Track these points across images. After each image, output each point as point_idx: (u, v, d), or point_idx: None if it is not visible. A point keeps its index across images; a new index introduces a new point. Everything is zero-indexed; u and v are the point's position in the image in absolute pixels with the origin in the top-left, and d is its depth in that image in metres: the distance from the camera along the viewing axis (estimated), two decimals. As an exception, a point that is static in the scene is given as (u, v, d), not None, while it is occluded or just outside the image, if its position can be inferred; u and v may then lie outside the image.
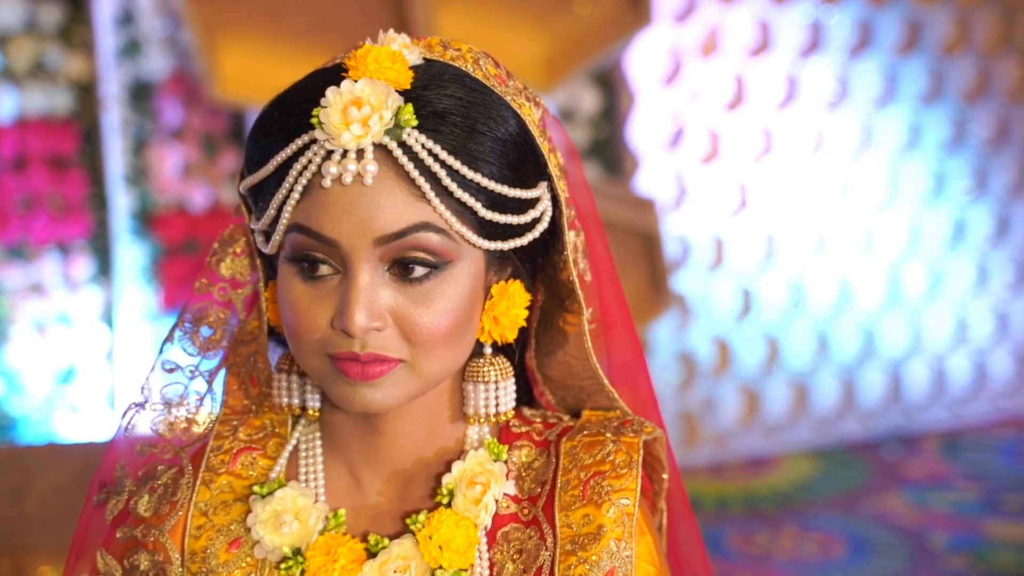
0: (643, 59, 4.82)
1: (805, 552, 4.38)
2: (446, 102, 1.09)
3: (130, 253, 4.39)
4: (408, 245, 1.08)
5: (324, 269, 1.11)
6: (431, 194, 1.07)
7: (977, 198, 5.64)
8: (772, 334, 5.34)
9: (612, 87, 4.61)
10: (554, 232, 1.19)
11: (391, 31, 1.15)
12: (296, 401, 1.23)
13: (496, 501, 1.19)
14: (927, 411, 5.66)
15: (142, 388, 1.26)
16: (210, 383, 1.26)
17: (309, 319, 1.11)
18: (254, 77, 3.87)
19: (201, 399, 1.26)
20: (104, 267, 4.37)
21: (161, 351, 1.26)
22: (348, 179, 1.06)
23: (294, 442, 1.24)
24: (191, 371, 1.26)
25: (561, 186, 1.18)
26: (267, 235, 1.16)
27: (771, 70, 5.15)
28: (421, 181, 1.07)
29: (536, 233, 1.16)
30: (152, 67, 4.32)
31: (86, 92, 4.31)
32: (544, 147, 1.17)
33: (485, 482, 1.18)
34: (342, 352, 1.10)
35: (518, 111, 1.14)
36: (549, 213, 1.18)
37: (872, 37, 5.32)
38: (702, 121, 5.05)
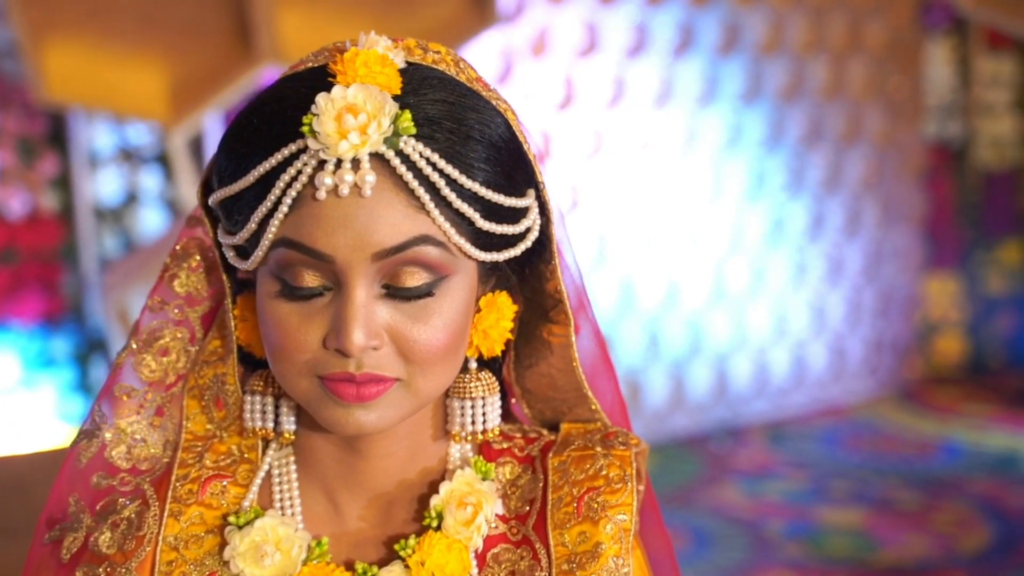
0: (475, 60, 4.79)
1: (651, 547, 4.43)
2: (438, 108, 1.03)
3: (-58, 265, 4.13)
4: (407, 259, 1.02)
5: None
6: (430, 205, 1.01)
7: (793, 195, 5.82)
8: (605, 332, 5.38)
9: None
10: (541, 241, 1.15)
11: (372, 33, 1.07)
12: (270, 424, 1.15)
13: (487, 522, 1.14)
14: (751, 403, 5.82)
15: (93, 415, 1.16)
16: (170, 408, 1.17)
17: (298, 339, 1.03)
18: (83, 77, 3.68)
19: (161, 425, 1.17)
20: (-86, 280, 4.10)
21: (113, 375, 1.16)
22: (345, 191, 0.99)
23: (266, 468, 1.17)
24: (147, 395, 1.16)
25: (546, 194, 1.14)
26: (239, 249, 1.08)
27: (599, 71, 5.20)
28: (421, 192, 1.01)
29: (528, 243, 1.11)
30: (-39, 66, 4.07)
31: None
32: (530, 153, 1.12)
33: (475, 502, 1.13)
34: (335, 373, 1.03)
35: (504, 115, 1.10)
36: (539, 221, 1.13)
37: (693, 38, 5.43)
38: (534, 121, 5.06)
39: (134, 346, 1.17)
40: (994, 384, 6.41)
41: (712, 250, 5.61)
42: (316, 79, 1.04)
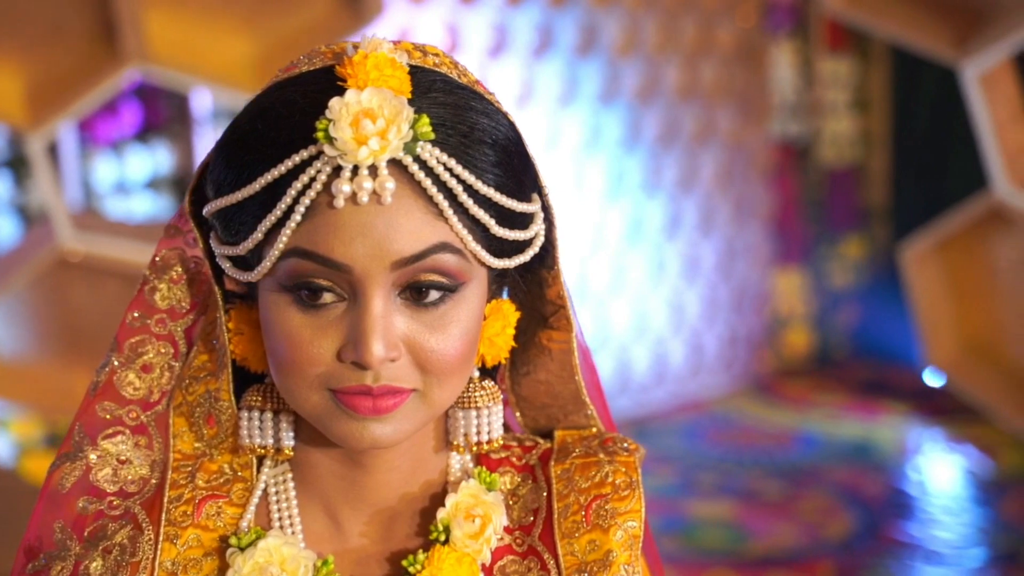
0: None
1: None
2: (447, 111, 1.00)
3: None
4: (426, 267, 0.99)
5: (327, 297, 0.99)
6: (449, 211, 0.98)
7: (651, 194, 5.91)
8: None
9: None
10: (544, 246, 1.12)
11: (374, 34, 1.03)
12: (269, 441, 1.10)
13: (496, 534, 1.11)
14: (615, 400, 5.85)
15: (72, 437, 1.10)
16: (155, 426, 1.11)
17: (311, 351, 0.99)
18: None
19: (146, 444, 1.10)
20: None
21: (94, 394, 1.10)
22: (365, 198, 0.95)
23: (262, 486, 1.11)
24: (131, 414, 1.10)
25: (549, 198, 1.12)
26: (236, 260, 1.03)
27: (460, 72, 5.18)
28: (440, 198, 0.97)
29: (536, 248, 1.09)
30: None
31: None
32: (533, 156, 1.10)
33: (483, 514, 1.10)
34: (351, 386, 0.99)
35: (507, 118, 1.07)
36: (543, 226, 1.11)
37: (552, 39, 5.47)
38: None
39: (116, 363, 1.11)
40: (840, 375, 6.63)
41: (574, 249, 5.65)
42: (323, 82, 0.99)
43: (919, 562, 4.35)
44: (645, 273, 5.94)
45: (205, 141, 4.97)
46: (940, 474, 5.25)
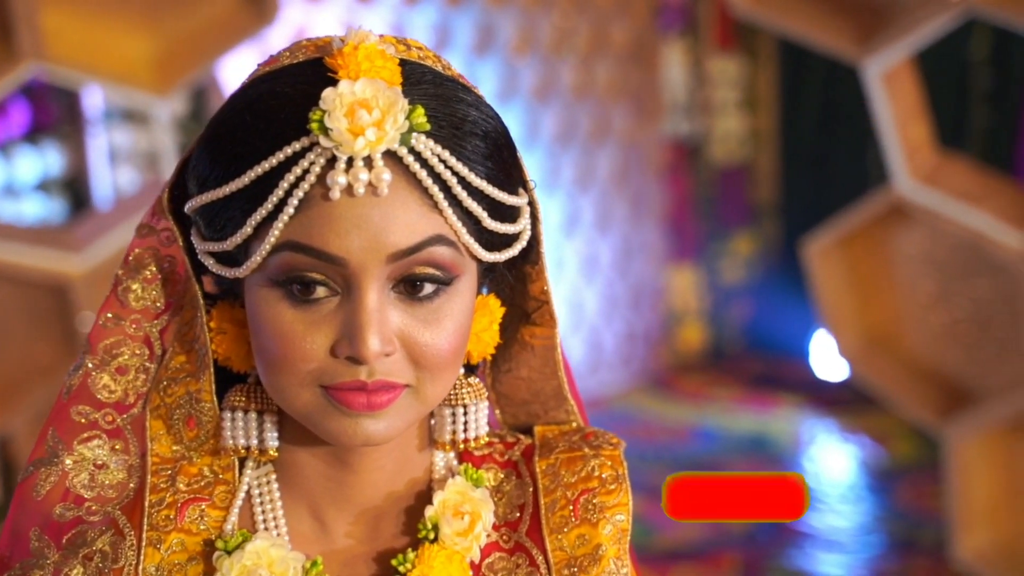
0: (234, 63, 4.65)
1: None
2: (438, 103, 0.99)
3: None
4: (421, 260, 0.97)
5: (320, 291, 0.97)
6: (444, 203, 0.97)
7: (549, 192, 5.93)
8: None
9: (204, 95, 4.44)
10: (529, 242, 1.11)
11: (360, 26, 1.01)
12: (254, 442, 1.07)
13: (485, 530, 1.10)
14: (516, 399, 5.88)
15: (45, 442, 1.06)
16: (131, 430, 1.08)
17: (304, 347, 0.97)
18: None
19: (123, 448, 1.07)
20: None
21: (68, 397, 1.06)
22: (361, 190, 0.93)
23: (245, 488, 1.09)
24: (106, 417, 1.07)
25: (534, 193, 1.11)
26: (220, 256, 1.00)
27: (358, 71, 5.14)
28: (435, 190, 0.96)
29: (524, 242, 1.08)
30: None
31: None
32: (518, 150, 1.09)
33: (471, 511, 1.09)
34: (345, 382, 0.97)
35: (493, 110, 1.06)
36: (529, 222, 1.10)
37: (449, 38, 5.46)
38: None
39: (90, 365, 1.07)
40: (733, 369, 6.74)
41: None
42: (311, 74, 0.97)
43: (820, 551, 4.44)
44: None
45: (97, 141, 4.84)
46: (835, 464, 5.36)
